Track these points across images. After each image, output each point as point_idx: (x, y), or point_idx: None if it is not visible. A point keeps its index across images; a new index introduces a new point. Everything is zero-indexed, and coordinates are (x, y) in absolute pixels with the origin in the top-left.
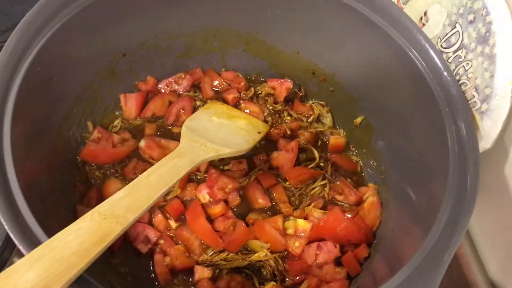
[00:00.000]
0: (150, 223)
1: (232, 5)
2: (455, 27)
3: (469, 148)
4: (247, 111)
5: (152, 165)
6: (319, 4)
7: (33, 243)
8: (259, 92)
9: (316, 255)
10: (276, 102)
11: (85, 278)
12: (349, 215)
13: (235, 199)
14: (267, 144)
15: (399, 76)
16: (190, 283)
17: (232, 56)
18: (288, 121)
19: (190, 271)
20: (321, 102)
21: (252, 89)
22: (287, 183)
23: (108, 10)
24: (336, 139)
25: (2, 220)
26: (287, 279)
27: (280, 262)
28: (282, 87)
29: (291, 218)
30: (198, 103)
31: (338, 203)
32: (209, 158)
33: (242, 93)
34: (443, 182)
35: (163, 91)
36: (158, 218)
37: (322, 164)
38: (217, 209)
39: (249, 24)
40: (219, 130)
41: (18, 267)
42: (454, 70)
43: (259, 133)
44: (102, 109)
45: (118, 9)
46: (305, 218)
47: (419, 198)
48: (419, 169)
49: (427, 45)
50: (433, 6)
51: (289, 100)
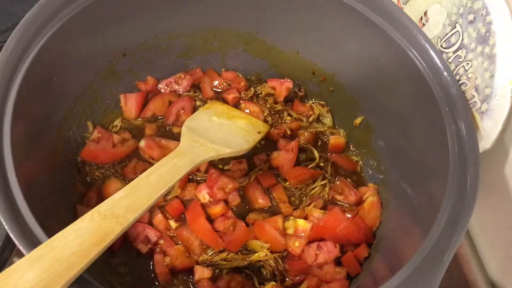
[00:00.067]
0: (150, 223)
1: (232, 5)
2: (455, 27)
3: (469, 148)
4: (247, 111)
5: (152, 165)
6: (319, 4)
7: (33, 243)
8: (259, 92)
9: (316, 255)
10: (276, 102)
11: (85, 278)
12: (349, 215)
13: (235, 199)
14: (267, 144)
15: (399, 76)
16: (190, 283)
17: (232, 56)
18: (288, 121)
19: (190, 271)
20: (321, 102)
21: (252, 89)
22: (287, 183)
23: (108, 10)
24: (336, 139)
25: (2, 220)
26: (287, 279)
27: (280, 262)
28: (282, 87)
29: (291, 218)
30: (198, 103)
31: (338, 203)
32: (209, 158)
33: (242, 93)
34: (443, 182)
35: (163, 91)
36: (158, 218)
37: (322, 164)
38: (217, 209)
39: (249, 24)
40: (219, 130)
41: (18, 267)
42: (454, 70)
43: (259, 133)
44: (102, 109)
45: (118, 9)
46: (305, 218)
47: (419, 198)
48: (419, 169)
49: (427, 45)
50: (433, 6)
51: (289, 100)
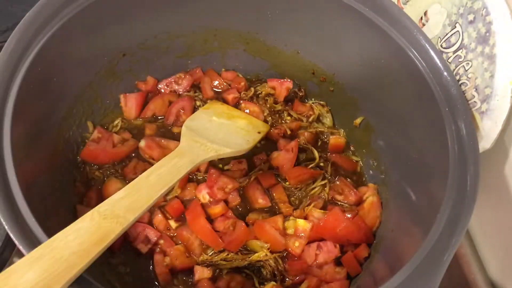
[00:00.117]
0: (150, 223)
1: (232, 5)
2: (455, 27)
3: (469, 148)
4: (247, 111)
5: (152, 165)
6: (319, 4)
7: (33, 243)
8: (259, 92)
9: (316, 255)
10: (276, 102)
11: (85, 278)
12: (349, 215)
13: (235, 199)
14: (267, 144)
15: (399, 76)
16: (190, 283)
17: (232, 56)
18: (288, 121)
19: (190, 271)
20: (321, 102)
21: (252, 89)
22: (287, 183)
23: (108, 10)
24: (336, 139)
25: (2, 220)
26: (287, 279)
27: (280, 262)
28: (282, 87)
29: (291, 218)
30: (198, 103)
31: (338, 203)
32: (209, 158)
33: (242, 93)
34: (443, 182)
35: (163, 91)
36: (158, 218)
37: (322, 164)
38: (217, 209)
39: (249, 24)
40: (219, 130)
41: (18, 267)
42: (454, 70)
43: (259, 133)
44: (102, 109)
45: (118, 9)
46: (305, 218)
47: (419, 198)
48: (419, 169)
49: (427, 45)
50: (433, 6)
51: (289, 100)
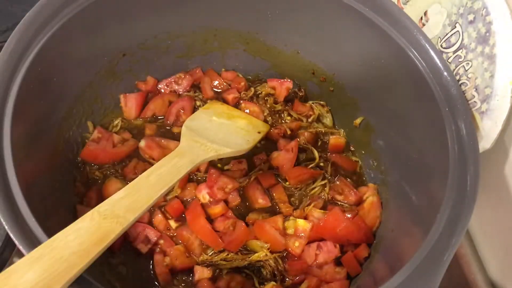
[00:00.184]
0: (150, 223)
1: (232, 5)
2: (455, 27)
3: (469, 148)
4: (247, 111)
5: (152, 165)
6: (319, 4)
7: (33, 243)
8: (259, 92)
9: (316, 255)
10: (276, 102)
11: (85, 278)
12: (349, 215)
13: (235, 199)
14: (267, 144)
15: (399, 76)
16: (190, 283)
17: (232, 56)
18: (288, 121)
19: (190, 271)
20: (321, 102)
21: (252, 89)
22: (287, 183)
23: (108, 10)
24: (336, 139)
25: (2, 220)
26: (287, 279)
27: (280, 262)
28: (282, 87)
29: (291, 218)
30: (198, 103)
31: (338, 203)
32: (209, 158)
33: (242, 93)
34: (443, 182)
35: (163, 91)
36: (158, 218)
37: (322, 164)
38: (217, 209)
39: (249, 24)
40: (219, 130)
41: (18, 267)
42: (454, 70)
43: (259, 133)
44: (102, 109)
45: (118, 9)
46: (305, 218)
47: (419, 198)
48: (419, 169)
49: (427, 45)
50: (433, 6)
51: (289, 100)
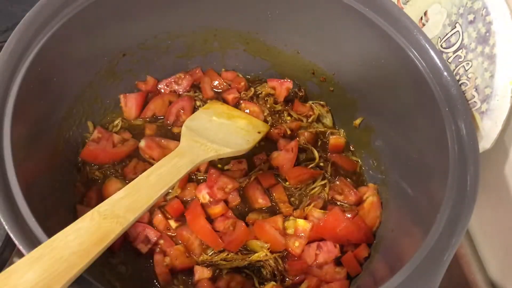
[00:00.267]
0: (150, 223)
1: (232, 5)
2: (455, 27)
3: (469, 148)
4: (247, 111)
5: (152, 165)
6: (319, 4)
7: (33, 243)
8: (259, 92)
9: (316, 255)
10: (276, 102)
11: (85, 278)
12: (349, 215)
13: (235, 199)
14: (267, 144)
15: (399, 76)
16: (190, 283)
17: (232, 56)
18: (288, 121)
19: (190, 271)
20: (321, 102)
21: (252, 89)
22: (287, 183)
23: (108, 10)
24: (336, 139)
25: (2, 220)
26: (287, 279)
27: (280, 262)
28: (282, 87)
29: (291, 218)
30: (198, 103)
31: (338, 203)
32: (209, 158)
33: (242, 93)
34: (443, 182)
35: (163, 91)
36: (158, 218)
37: (322, 164)
38: (217, 209)
39: (249, 24)
40: (219, 130)
41: (18, 267)
42: (454, 70)
43: (259, 133)
44: (102, 109)
45: (118, 9)
46: (305, 218)
47: (419, 198)
48: (419, 169)
49: (427, 45)
50: (433, 6)
51: (289, 100)
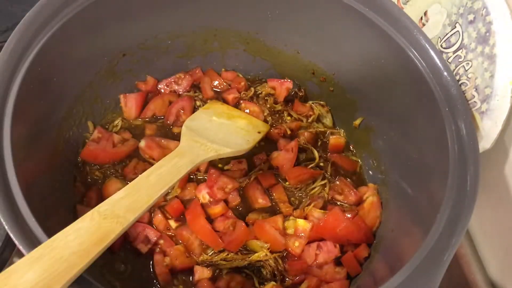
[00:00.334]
0: (150, 223)
1: (232, 5)
2: (455, 27)
3: (469, 148)
4: (247, 111)
5: (152, 165)
6: (319, 4)
7: (33, 243)
8: (259, 92)
9: (316, 255)
10: (276, 102)
11: (85, 278)
12: (349, 215)
13: (235, 199)
14: (267, 144)
15: (399, 76)
16: (190, 283)
17: (232, 56)
18: (288, 121)
19: (190, 271)
20: (321, 102)
21: (252, 89)
22: (287, 183)
23: (108, 10)
24: (336, 139)
25: (2, 220)
26: (287, 279)
27: (280, 262)
28: (282, 87)
29: (291, 218)
30: (198, 103)
31: (338, 203)
32: (209, 158)
33: (242, 93)
34: (443, 182)
35: (163, 91)
36: (158, 218)
37: (322, 164)
38: (217, 209)
39: (249, 24)
40: (219, 130)
41: (18, 267)
42: (454, 70)
43: (259, 133)
44: (102, 109)
45: (118, 9)
46: (305, 218)
47: (419, 198)
48: (419, 169)
49: (427, 45)
50: (433, 6)
51: (289, 100)
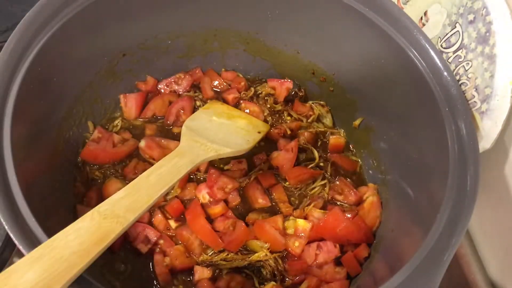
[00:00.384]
0: (150, 223)
1: (232, 5)
2: (455, 27)
3: (469, 148)
4: (247, 111)
5: (152, 165)
6: (319, 4)
7: (33, 243)
8: (259, 92)
9: (316, 255)
10: (276, 102)
11: (85, 278)
12: (349, 215)
13: (235, 199)
14: (267, 144)
15: (399, 76)
16: (190, 283)
17: (232, 56)
18: (288, 121)
19: (190, 271)
20: (321, 102)
21: (252, 89)
22: (287, 183)
23: (108, 10)
24: (336, 139)
25: (2, 220)
26: (287, 279)
27: (280, 262)
28: (282, 87)
29: (291, 218)
30: (198, 103)
31: (338, 203)
32: (209, 158)
33: (242, 93)
34: (443, 182)
35: (163, 91)
36: (158, 218)
37: (322, 164)
38: (217, 209)
39: (249, 24)
40: (219, 130)
41: (18, 267)
42: (454, 70)
43: (259, 133)
44: (102, 109)
45: (118, 9)
46: (305, 218)
47: (419, 198)
48: (419, 169)
49: (427, 45)
50: (433, 6)
51: (289, 100)
